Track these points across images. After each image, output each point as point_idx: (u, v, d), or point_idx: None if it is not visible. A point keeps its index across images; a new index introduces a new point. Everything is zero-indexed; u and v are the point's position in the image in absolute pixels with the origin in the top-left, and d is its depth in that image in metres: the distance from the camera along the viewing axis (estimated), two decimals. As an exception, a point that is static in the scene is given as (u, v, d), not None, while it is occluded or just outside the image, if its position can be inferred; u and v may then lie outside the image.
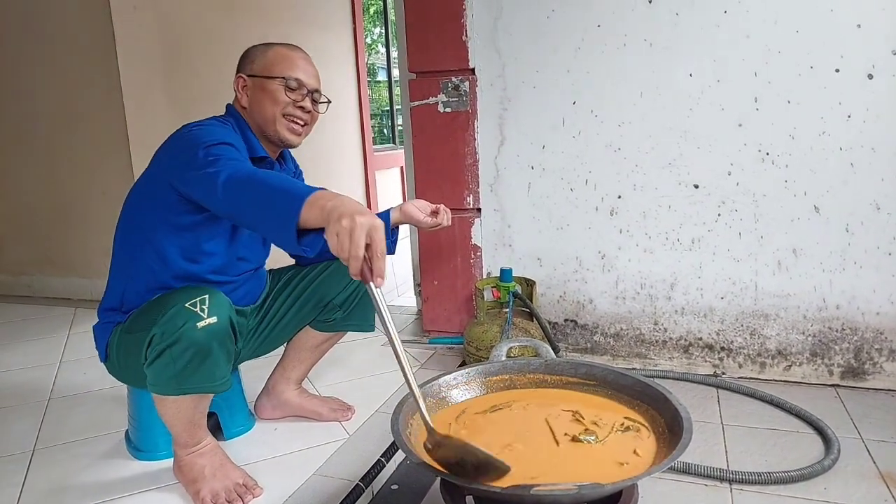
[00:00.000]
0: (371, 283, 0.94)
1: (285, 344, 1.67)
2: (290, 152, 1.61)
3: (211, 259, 1.38)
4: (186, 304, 1.21)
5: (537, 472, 0.94)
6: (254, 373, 1.85)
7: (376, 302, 0.94)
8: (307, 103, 1.43)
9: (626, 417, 1.09)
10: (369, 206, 5.21)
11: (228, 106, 1.48)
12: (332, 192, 1.04)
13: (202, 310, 1.21)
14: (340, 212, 0.94)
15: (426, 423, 0.97)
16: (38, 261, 3.25)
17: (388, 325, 0.94)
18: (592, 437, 1.03)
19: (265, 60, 1.42)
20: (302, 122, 1.45)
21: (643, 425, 1.07)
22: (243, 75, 1.44)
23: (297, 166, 1.66)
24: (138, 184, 1.39)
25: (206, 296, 1.23)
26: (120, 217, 1.41)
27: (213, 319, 1.21)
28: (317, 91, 1.46)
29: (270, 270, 1.63)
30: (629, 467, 0.95)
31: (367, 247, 0.93)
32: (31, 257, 3.26)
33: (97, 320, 1.44)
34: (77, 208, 3.05)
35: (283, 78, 1.40)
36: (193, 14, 3.17)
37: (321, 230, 0.99)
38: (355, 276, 0.93)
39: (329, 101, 1.51)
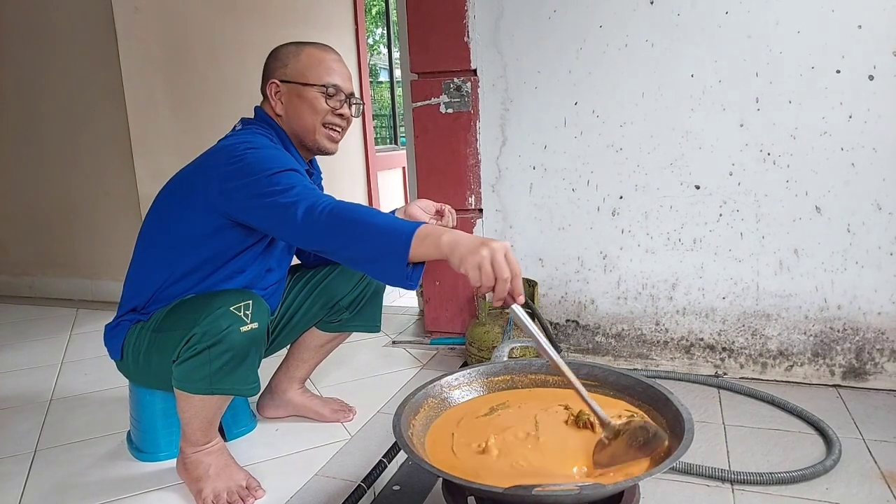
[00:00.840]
0: (514, 305, 0.97)
1: (288, 346, 1.67)
2: (314, 159, 1.60)
3: (244, 275, 1.37)
4: (232, 308, 1.22)
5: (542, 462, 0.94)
6: (256, 373, 1.85)
7: (522, 321, 0.96)
8: (346, 110, 1.40)
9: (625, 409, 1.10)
10: (370, 206, 5.21)
11: (258, 110, 1.43)
12: (432, 225, 1.07)
13: (246, 315, 1.23)
14: (468, 244, 0.98)
15: (600, 417, 0.99)
16: (40, 262, 3.25)
17: (542, 341, 0.96)
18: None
19: (299, 64, 1.37)
20: (340, 129, 1.43)
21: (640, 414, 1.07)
22: (276, 80, 1.38)
23: (319, 170, 1.65)
24: (176, 189, 1.35)
25: (251, 301, 1.25)
26: (151, 217, 1.38)
27: (255, 325, 1.24)
28: (352, 94, 1.43)
29: None
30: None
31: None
32: (33, 258, 3.26)
33: (112, 319, 1.42)
34: (79, 209, 3.06)
35: (323, 86, 1.36)
36: (196, 15, 3.17)
37: (423, 263, 1.06)
38: (500, 300, 0.97)
39: (362, 103, 1.47)
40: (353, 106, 1.44)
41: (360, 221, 1.09)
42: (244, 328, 1.22)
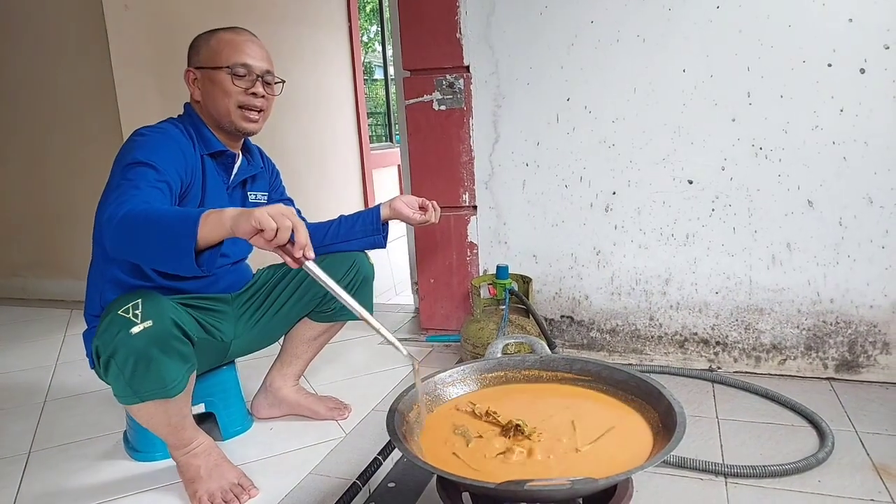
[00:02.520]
0: (307, 262, 1.02)
1: (282, 339, 1.67)
2: (259, 149, 1.60)
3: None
4: (119, 312, 1.17)
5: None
6: (250, 372, 1.85)
7: (316, 274, 1.01)
8: (259, 88, 1.39)
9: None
10: (366, 205, 5.21)
11: (186, 104, 1.46)
12: (220, 208, 1.06)
13: (135, 315, 1.17)
14: (247, 210, 1.00)
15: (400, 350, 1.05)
16: (31, 263, 3.24)
17: (339, 291, 1.02)
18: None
19: (209, 50, 1.38)
20: (257, 110, 1.41)
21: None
22: (191, 69, 1.41)
23: (270, 163, 1.64)
24: (104, 190, 1.35)
25: (140, 300, 1.19)
26: (94, 223, 1.40)
27: (149, 323, 1.17)
28: (268, 73, 1.41)
29: (271, 265, 1.63)
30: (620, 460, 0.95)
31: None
32: (25, 260, 3.25)
33: (85, 325, 1.42)
34: (70, 210, 3.04)
35: (229, 66, 1.36)
36: (187, 13, 3.16)
37: (217, 246, 1.06)
38: (284, 252, 1.02)
39: (283, 81, 1.46)
40: (273, 85, 1.43)
41: (150, 217, 1.08)
42: (135, 329, 1.16)
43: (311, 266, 1.02)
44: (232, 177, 1.48)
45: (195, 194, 1.36)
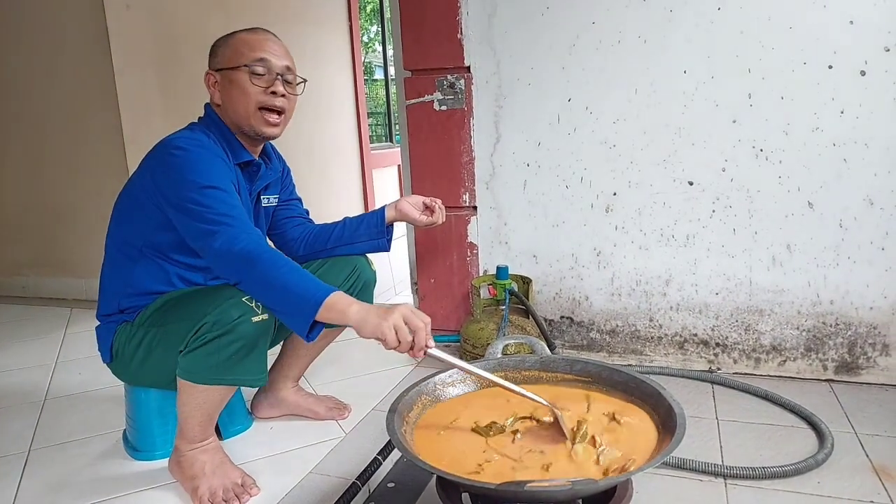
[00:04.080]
0: (430, 350, 1.09)
1: (282, 342, 1.67)
2: (274, 149, 1.59)
3: (209, 270, 1.38)
4: (244, 298, 1.23)
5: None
6: (250, 372, 1.85)
7: (442, 358, 1.08)
8: (279, 87, 1.35)
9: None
10: (366, 205, 5.21)
11: (206, 106, 1.43)
12: (341, 294, 1.13)
13: (257, 305, 1.23)
14: (375, 318, 1.08)
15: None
16: (32, 261, 3.24)
17: (474, 370, 1.11)
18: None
19: (228, 50, 1.36)
20: (278, 112, 1.38)
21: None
22: (211, 71, 1.39)
23: (284, 163, 1.64)
24: (128, 191, 1.37)
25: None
26: (111, 222, 1.40)
27: (265, 316, 1.25)
28: (288, 70, 1.37)
29: None
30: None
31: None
32: (26, 258, 3.25)
33: (98, 323, 1.43)
34: (72, 209, 3.04)
35: (246, 65, 1.32)
36: (188, 12, 3.16)
37: (325, 325, 1.14)
38: (417, 354, 1.10)
39: (305, 81, 1.43)
40: (295, 84, 1.41)
41: (271, 275, 1.15)
42: (255, 318, 1.23)
43: (433, 353, 1.09)
44: (255, 184, 1.48)
45: None
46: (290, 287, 1.13)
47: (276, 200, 1.59)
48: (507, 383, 1.08)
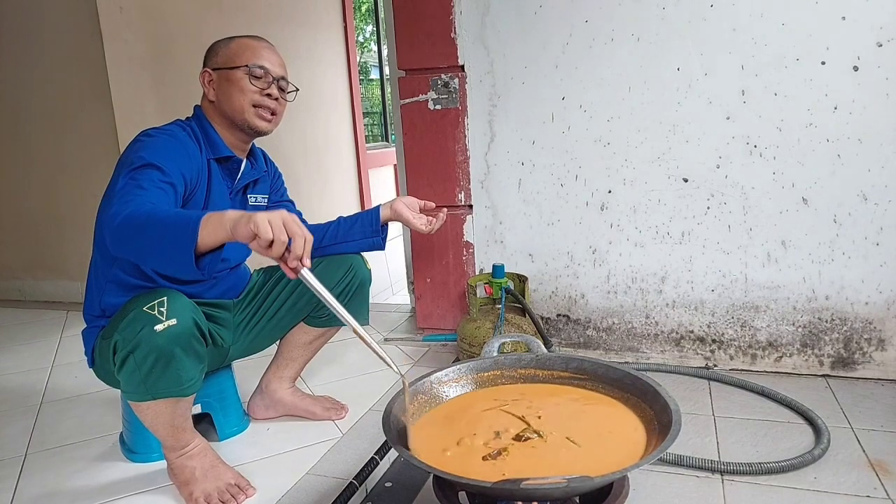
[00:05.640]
0: (303, 270, 0.99)
1: (278, 342, 1.67)
2: (263, 152, 1.60)
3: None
4: (144, 308, 1.18)
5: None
6: (247, 373, 1.85)
7: (311, 284, 0.99)
8: (274, 90, 1.42)
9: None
10: (362, 205, 5.20)
11: (196, 107, 1.47)
12: (221, 211, 1.04)
13: (160, 312, 1.18)
14: (249, 214, 0.97)
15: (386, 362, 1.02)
16: (28, 265, 3.23)
17: (332, 302, 1.01)
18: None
19: (228, 52, 1.41)
20: (271, 111, 1.44)
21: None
22: (208, 69, 1.42)
23: (274, 167, 1.64)
24: (107, 192, 1.36)
25: (165, 298, 1.20)
26: (96, 222, 1.39)
27: (173, 322, 1.18)
28: (283, 78, 1.45)
29: (267, 267, 1.63)
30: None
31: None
32: (22, 261, 3.24)
33: (85, 325, 1.42)
34: (67, 212, 3.04)
35: (247, 66, 1.39)
36: (182, 14, 3.16)
37: (218, 250, 1.03)
38: (282, 261, 0.99)
39: (297, 90, 1.50)
40: (287, 92, 1.47)
41: (152, 218, 1.06)
42: (159, 327, 1.17)
43: (306, 275, 1.00)
44: (236, 181, 1.48)
45: (199, 198, 1.36)
46: (166, 221, 1.04)
47: (266, 201, 1.59)
48: (370, 341, 1.03)
